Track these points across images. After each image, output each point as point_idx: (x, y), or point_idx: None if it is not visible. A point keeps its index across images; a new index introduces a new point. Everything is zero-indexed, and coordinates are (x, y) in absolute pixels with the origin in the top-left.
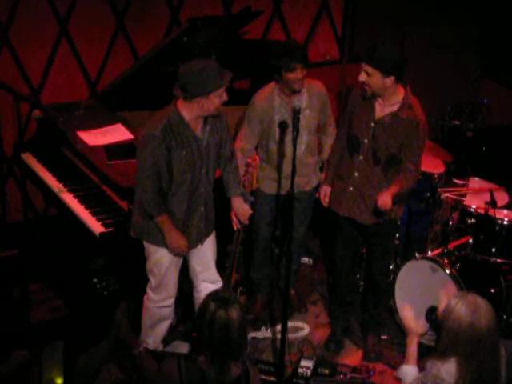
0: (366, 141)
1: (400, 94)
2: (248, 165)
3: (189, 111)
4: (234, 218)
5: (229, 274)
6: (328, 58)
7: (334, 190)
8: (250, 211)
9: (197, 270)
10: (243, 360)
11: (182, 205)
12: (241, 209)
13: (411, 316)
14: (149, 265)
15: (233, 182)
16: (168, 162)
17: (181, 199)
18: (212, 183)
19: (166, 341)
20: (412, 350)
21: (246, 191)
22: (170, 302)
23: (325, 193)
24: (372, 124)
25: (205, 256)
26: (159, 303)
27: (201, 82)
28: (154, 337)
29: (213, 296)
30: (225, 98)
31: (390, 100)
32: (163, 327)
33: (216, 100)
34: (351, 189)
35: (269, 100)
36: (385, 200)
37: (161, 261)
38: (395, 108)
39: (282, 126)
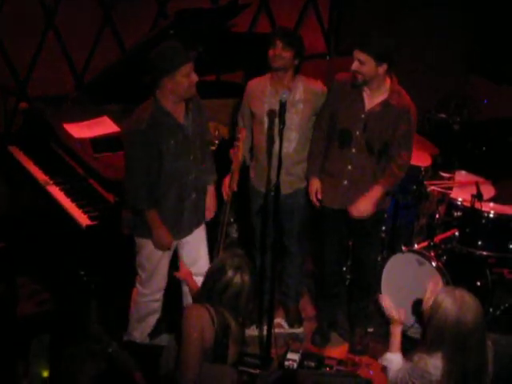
0: (357, 133)
1: (387, 82)
2: (236, 139)
3: (166, 100)
4: (223, 189)
5: (218, 244)
6: None
7: (323, 186)
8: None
9: (187, 263)
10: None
11: (173, 193)
12: (212, 199)
13: (391, 305)
14: (139, 259)
15: (210, 167)
16: (158, 153)
17: (172, 187)
18: (201, 169)
19: (153, 334)
20: (395, 338)
21: (234, 165)
22: (159, 295)
23: (316, 188)
24: (362, 115)
25: (195, 249)
26: (148, 297)
27: (164, 61)
28: (141, 330)
29: (230, 262)
30: (194, 77)
31: (379, 89)
32: (151, 321)
33: (184, 80)
34: (345, 183)
35: (261, 85)
36: (363, 209)
37: (152, 254)
38: (385, 96)
39: (270, 115)
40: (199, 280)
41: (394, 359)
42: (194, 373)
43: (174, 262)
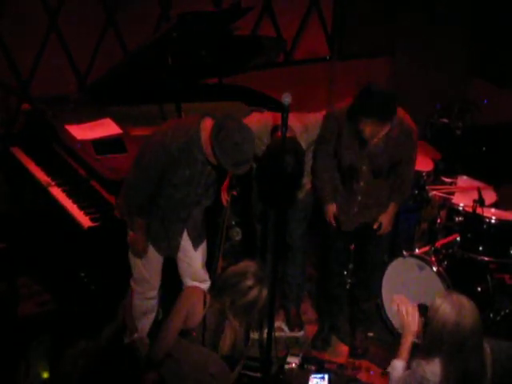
0: (363, 167)
1: None
2: None
3: (206, 140)
4: (222, 193)
5: (218, 248)
6: None
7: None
8: None
9: (184, 267)
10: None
11: (165, 214)
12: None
13: (409, 312)
14: (130, 254)
15: (210, 193)
16: (170, 176)
17: (167, 208)
18: (205, 203)
19: (152, 334)
20: (405, 346)
21: None
22: (153, 293)
23: (332, 212)
24: (366, 152)
25: (193, 254)
26: (142, 295)
27: (222, 151)
28: (139, 330)
29: (254, 270)
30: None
31: None
32: (148, 320)
33: (211, 159)
34: (356, 209)
35: (263, 129)
36: (385, 226)
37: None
38: (386, 129)
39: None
40: (194, 284)
41: (396, 367)
42: (167, 343)
43: (171, 263)
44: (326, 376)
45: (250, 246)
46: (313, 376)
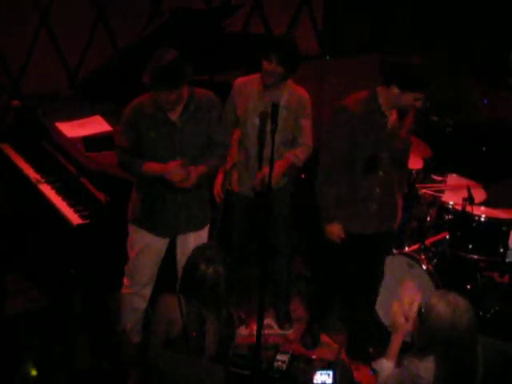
0: (386, 156)
1: None
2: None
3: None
4: (216, 189)
5: None
6: None
7: (351, 216)
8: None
9: (180, 262)
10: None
11: (154, 187)
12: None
13: (400, 312)
14: (128, 243)
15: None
16: (139, 139)
17: (154, 181)
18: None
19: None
20: (395, 346)
21: (228, 165)
22: (143, 291)
23: (338, 231)
24: (385, 136)
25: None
26: (131, 289)
27: (152, 78)
28: (127, 327)
29: (201, 256)
30: (164, 99)
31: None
32: (136, 317)
33: (160, 97)
34: (375, 206)
35: (248, 86)
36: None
37: (134, 243)
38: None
39: (262, 116)
40: None
41: (386, 368)
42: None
43: (169, 263)
44: (331, 372)
45: (225, 241)
46: (318, 372)
